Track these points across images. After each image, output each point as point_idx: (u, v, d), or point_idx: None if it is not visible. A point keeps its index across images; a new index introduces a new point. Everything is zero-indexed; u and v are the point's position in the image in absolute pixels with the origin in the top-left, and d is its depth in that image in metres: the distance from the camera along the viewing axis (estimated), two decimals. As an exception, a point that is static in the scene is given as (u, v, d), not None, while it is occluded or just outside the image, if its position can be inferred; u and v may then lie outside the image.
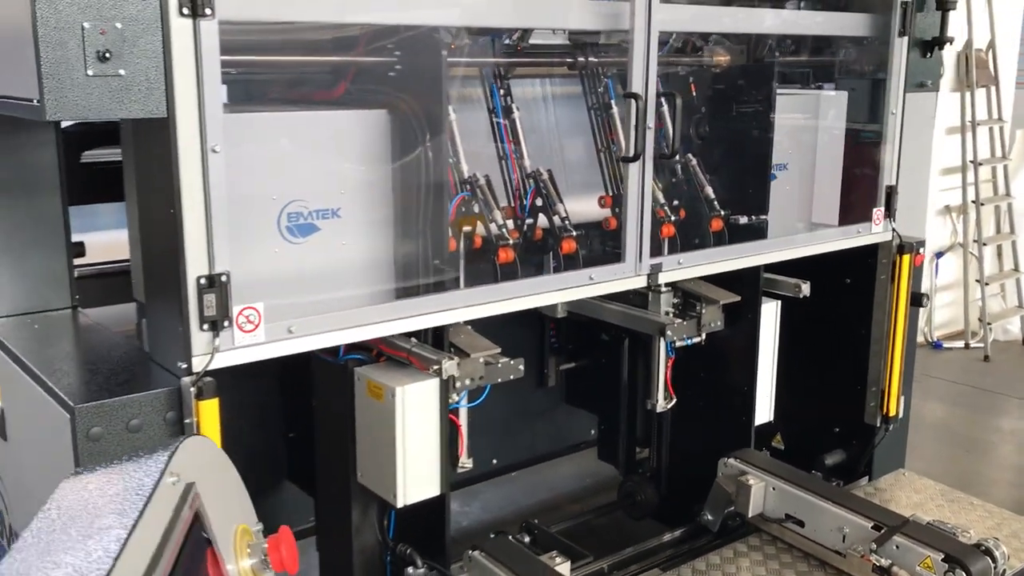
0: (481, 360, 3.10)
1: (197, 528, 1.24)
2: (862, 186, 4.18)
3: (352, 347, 3.02)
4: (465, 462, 3.38)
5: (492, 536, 3.98)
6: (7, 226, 3.00)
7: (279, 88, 3.03)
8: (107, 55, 2.17)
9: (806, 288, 3.90)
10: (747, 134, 3.82)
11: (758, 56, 3.86)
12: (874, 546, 3.32)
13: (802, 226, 4.17)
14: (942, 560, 3.19)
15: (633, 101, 3.13)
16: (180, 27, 2.26)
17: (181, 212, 2.34)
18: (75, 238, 3.52)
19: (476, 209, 3.12)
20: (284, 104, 3.00)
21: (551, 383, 4.59)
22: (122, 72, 2.20)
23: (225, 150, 2.54)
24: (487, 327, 3.20)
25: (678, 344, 3.88)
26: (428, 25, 2.83)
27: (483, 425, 4.34)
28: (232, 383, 2.51)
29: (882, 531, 3.34)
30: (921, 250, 4.22)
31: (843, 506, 3.49)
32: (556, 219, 3.26)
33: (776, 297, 4.01)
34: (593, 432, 4.77)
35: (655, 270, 3.37)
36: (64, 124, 3.29)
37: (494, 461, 4.59)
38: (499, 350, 3.12)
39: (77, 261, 3.45)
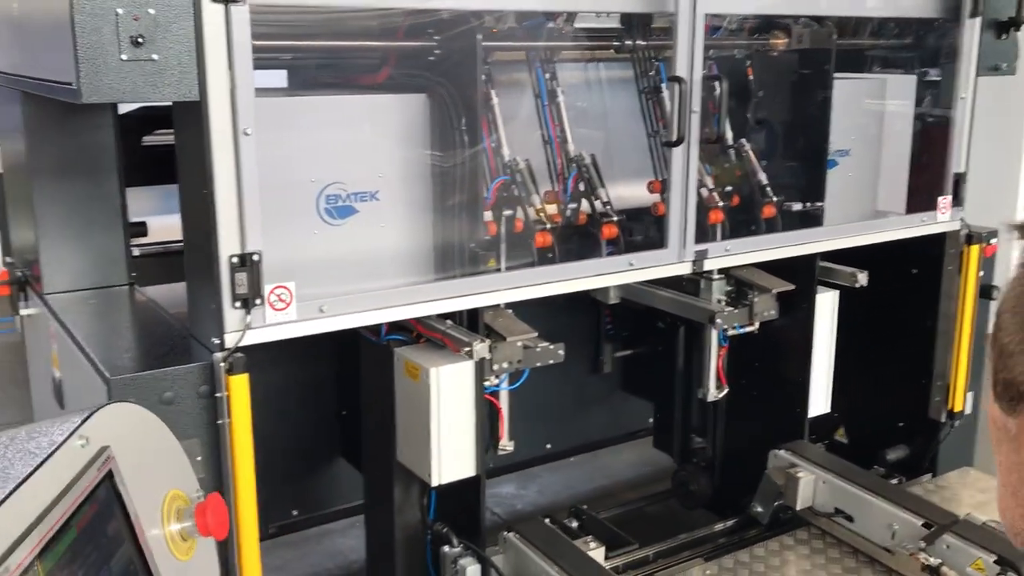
0: (519, 344, 3.12)
1: (106, 491, 1.28)
2: (932, 173, 4.03)
3: (394, 327, 3.07)
4: (506, 445, 3.40)
5: (540, 518, 4.03)
6: (67, 206, 3.15)
7: (322, 73, 3.09)
8: (140, 40, 2.25)
9: (863, 278, 3.80)
10: (804, 119, 3.73)
11: (822, 39, 3.75)
12: (923, 544, 3.22)
13: (864, 214, 4.04)
14: (994, 562, 3.07)
15: (677, 85, 3.09)
16: (212, 13, 2.32)
17: (213, 193, 2.41)
18: (141, 219, 3.68)
19: (515, 193, 3.12)
20: (324, 88, 3.06)
21: (607, 369, 4.58)
22: (155, 57, 2.28)
23: (264, 133, 2.63)
24: (539, 311, 3.22)
25: (730, 333, 3.83)
26: (463, 9, 2.85)
27: (537, 410, 4.37)
28: (285, 359, 2.59)
29: (932, 529, 3.24)
30: (993, 240, 4.06)
31: (894, 502, 3.39)
32: (598, 204, 3.24)
33: (835, 287, 3.91)
34: (651, 420, 4.74)
35: (700, 257, 3.33)
36: (125, 108, 3.42)
37: (548, 446, 4.61)
38: (536, 334, 3.13)
39: (138, 240, 3.59)
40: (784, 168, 3.77)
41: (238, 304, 2.48)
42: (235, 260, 2.46)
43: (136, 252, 3.62)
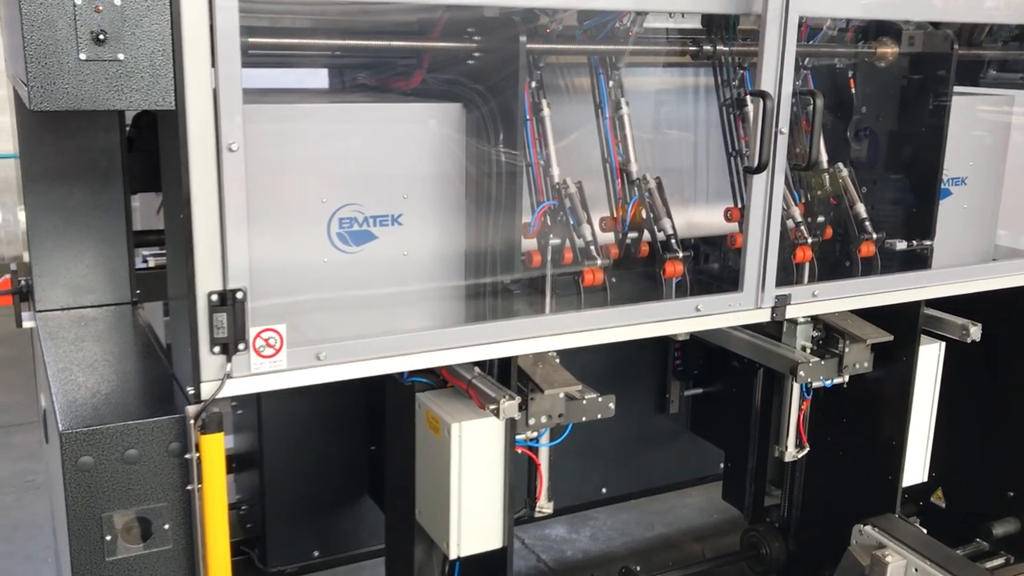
0: (561, 396, 2.69)
1: None
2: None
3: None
4: (544, 506, 2.99)
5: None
6: (62, 215, 2.82)
7: (336, 75, 2.70)
8: (103, 36, 1.88)
9: (975, 332, 3.25)
10: (914, 141, 3.18)
11: (938, 43, 3.18)
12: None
13: (981, 254, 3.47)
14: None
15: (762, 101, 2.60)
16: (192, 5, 1.93)
17: (191, 219, 2.03)
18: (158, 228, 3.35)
19: (564, 219, 2.68)
20: (339, 93, 2.67)
21: (673, 409, 4.13)
22: (121, 56, 1.90)
23: (263, 145, 2.26)
24: (598, 346, 2.77)
25: (815, 385, 3.32)
26: (503, 5, 2.41)
27: (593, 450, 3.95)
28: (312, 389, 2.23)
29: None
30: None
31: (1002, 604, 2.85)
32: (661, 235, 2.77)
33: (939, 338, 3.36)
34: (721, 466, 4.25)
35: (781, 303, 2.83)
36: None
37: (603, 491, 4.16)
38: (580, 386, 2.69)
39: (152, 251, 3.26)
40: (888, 198, 3.23)
41: (217, 349, 2.10)
42: (214, 298, 2.07)
43: (151, 263, 3.30)
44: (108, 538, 2.08)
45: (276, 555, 3.50)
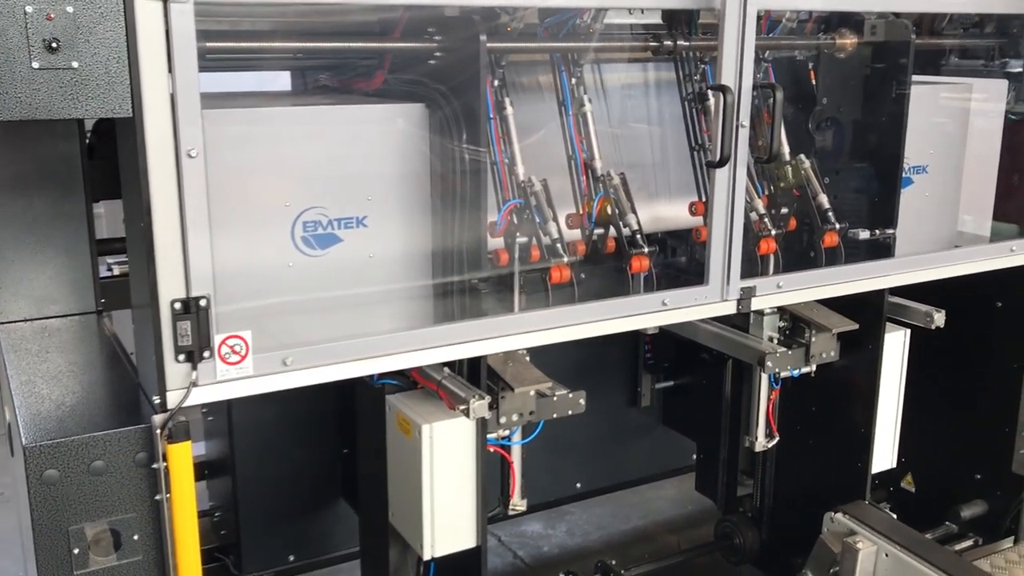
0: (532, 393, 2.69)
1: None
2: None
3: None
4: (518, 504, 2.99)
5: (561, 576, 3.61)
6: (21, 225, 2.78)
7: (298, 78, 2.68)
8: (55, 44, 1.86)
9: (939, 319, 3.28)
10: (875, 131, 3.21)
11: (898, 32, 3.21)
12: (1005, 641, 2.72)
13: (943, 241, 3.51)
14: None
15: (722, 95, 2.61)
16: (147, 11, 1.91)
17: (151, 226, 2.01)
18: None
19: (530, 217, 2.68)
20: (302, 96, 2.65)
21: (645, 403, 4.14)
22: (75, 64, 1.88)
23: (225, 150, 2.24)
24: (569, 342, 2.77)
25: (783, 375, 3.35)
26: (462, 4, 2.40)
27: (566, 446, 3.95)
28: (283, 394, 2.22)
29: (1017, 624, 2.73)
30: (1095, 272, 3.50)
31: (971, 587, 2.89)
32: (626, 231, 2.78)
33: (904, 325, 3.40)
34: (694, 457, 4.27)
35: (747, 295, 2.85)
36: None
37: (578, 485, 4.16)
38: (550, 383, 2.69)
39: (118, 259, 3.22)
40: (851, 188, 3.26)
41: (181, 358, 2.08)
42: (177, 306, 2.06)
43: (116, 271, 3.27)
44: (76, 551, 2.05)
45: (251, 561, 3.48)
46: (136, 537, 2.12)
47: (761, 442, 3.49)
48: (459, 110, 2.52)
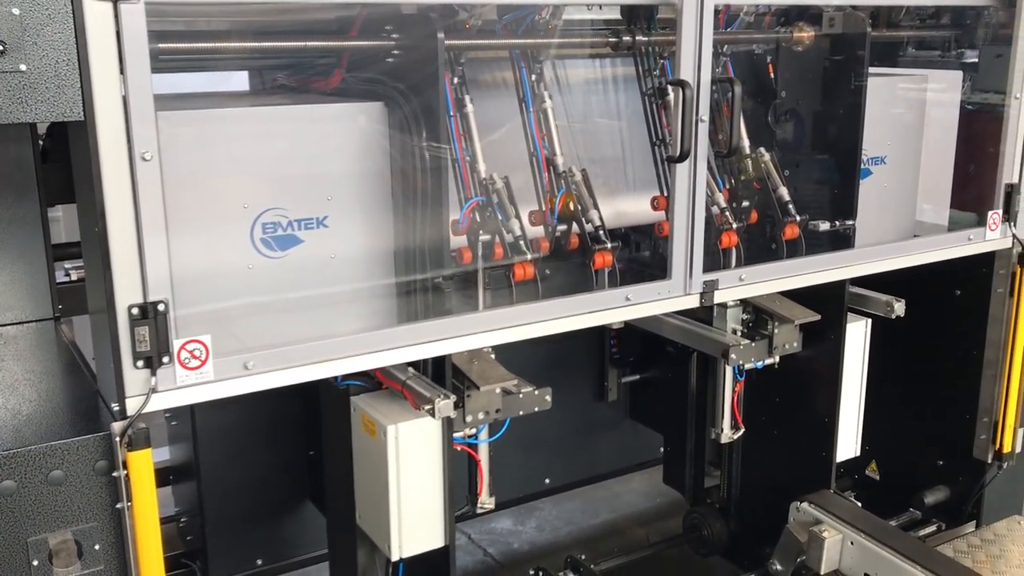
0: (497, 391, 2.68)
1: None
2: (980, 184, 3.54)
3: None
4: (486, 502, 2.99)
5: (530, 573, 3.62)
6: (-26, 232, 2.73)
7: (256, 78, 2.65)
8: (1, 47, 1.82)
9: (900, 308, 3.32)
10: (834, 123, 3.24)
11: (856, 24, 3.24)
12: (969, 625, 2.75)
13: (902, 232, 3.55)
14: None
15: (681, 90, 2.62)
16: (97, 12, 1.88)
17: (106, 231, 1.98)
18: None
19: (493, 215, 2.67)
20: (260, 96, 2.63)
21: (612, 397, 4.15)
22: (23, 67, 1.85)
23: (181, 151, 2.21)
24: (534, 339, 2.76)
25: (747, 367, 3.37)
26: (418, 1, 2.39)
27: (534, 441, 3.95)
28: (247, 397, 2.20)
29: (980, 607, 2.77)
30: (1050, 259, 3.56)
31: (933, 572, 2.92)
32: (589, 227, 2.78)
33: (865, 315, 3.43)
34: (662, 450, 4.29)
35: (709, 288, 2.86)
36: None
37: (546, 481, 4.17)
38: (516, 380, 2.69)
39: (76, 263, 3.18)
40: (811, 180, 3.28)
41: (140, 364, 2.05)
42: (135, 311, 2.02)
43: (73, 276, 3.22)
44: (35, 563, 2.02)
45: (218, 565, 3.44)
46: (98, 547, 2.08)
47: (727, 434, 3.52)
48: (419, 108, 2.50)
